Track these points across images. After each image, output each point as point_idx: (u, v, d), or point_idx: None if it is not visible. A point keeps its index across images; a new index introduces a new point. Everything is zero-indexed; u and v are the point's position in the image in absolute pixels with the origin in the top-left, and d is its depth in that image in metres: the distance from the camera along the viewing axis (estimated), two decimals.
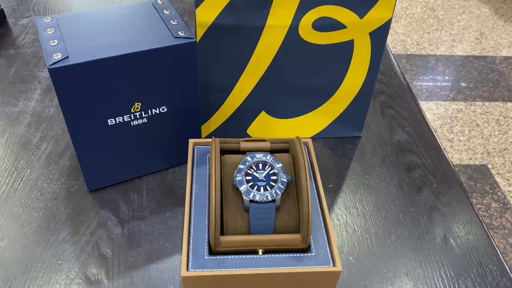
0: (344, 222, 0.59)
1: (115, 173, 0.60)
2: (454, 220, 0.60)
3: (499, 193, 1.42)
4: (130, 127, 0.56)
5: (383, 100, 0.79)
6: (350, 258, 0.55)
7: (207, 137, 0.67)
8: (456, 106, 1.80)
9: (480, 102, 1.83)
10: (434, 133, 0.74)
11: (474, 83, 1.93)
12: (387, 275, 0.53)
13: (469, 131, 1.68)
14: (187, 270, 0.44)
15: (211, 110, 0.64)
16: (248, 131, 0.67)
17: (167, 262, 0.53)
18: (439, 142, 0.72)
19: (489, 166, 1.53)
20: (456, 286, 0.53)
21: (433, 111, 1.73)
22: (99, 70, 0.49)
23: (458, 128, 1.70)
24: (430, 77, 1.98)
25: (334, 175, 0.65)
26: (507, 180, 1.45)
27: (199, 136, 0.62)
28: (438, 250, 0.56)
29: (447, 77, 1.97)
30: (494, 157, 1.56)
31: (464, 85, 1.92)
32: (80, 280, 0.51)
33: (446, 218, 0.60)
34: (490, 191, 1.44)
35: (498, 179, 1.48)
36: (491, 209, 1.38)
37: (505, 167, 1.50)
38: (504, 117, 1.72)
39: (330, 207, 0.61)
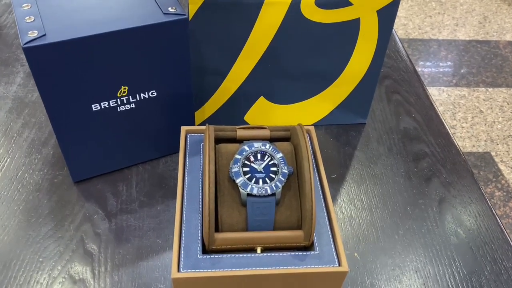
0: (348, 215, 0.55)
1: (102, 162, 0.56)
2: (465, 213, 0.56)
3: (502, 181, 1.39)
4: (116, 113, 0.51)
5: (388, 85, 0.75)
6: (355, 254, 0.51)
7: (201, 124, 0.63)
8: (458, 92, 1.76)
9: (483, 88, 1.79)
10: (443, 120, 0.70)
11: (477, 68, 1.88)
12: (394, 273, 0.50)
13: (472, 117, 1.65)
14: (178, 271, 0.40)
15: (206, 95, 0.60)
16: (246, 118, 0.63)
17: (158, 259, 0.49)
18: (448, 129, 0.68)
19: (493, 153, 1.49)
20: (469, 284, 0.49)
21: (435, 97, 1.69)
22: (80, 50, 0.45)
23: (460, 114, 1.66)
24: (432, 62, 1.93)
25: (338, 165, 0.61)
26: (511, 168, 1.42)
27: (192, 123, 0.58)
28: (449, 246, 0.53)
29: (449, 62, 1.93)
30: (497, 144, 1.52)
31: (467, 70, 1.87)
32: (63, 279, 0.47)
33: (457, 210, 0.57)
34: (494, 179, 1.41)
35: (501, 167, 1.44)
36: (495, 198, 1.34)
37: (509, 154, 1.46)
38: (508, 103, 1.68)
39: (333, 199, 0.57)
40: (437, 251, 0.52)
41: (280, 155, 0.44)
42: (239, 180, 0.42)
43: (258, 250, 0.42)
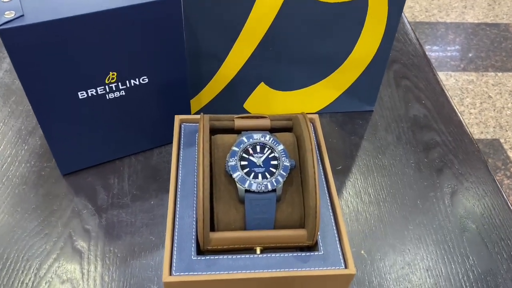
0: (355, 209, 0.52)
1: (92, 154, 0.52)
2: (479, 206, 0.53)
3: (511, 169, 1.35)
4: (105, 101, 0.48)
5: (397, 70, 0.71)
6: (362, 251, 0.48)
7: (197, 112, 0.59)
8: (467, 77, 1.71)
9: (492, 73, 1.73)
10: (455, 107, 0.66)
11: (486, 52, 1.83)
12: (404, 271, 0.46)
13: (481, 103, 1.60)
14: (170, 274, 0.36)
15: (202, 82, 0.56)
16: (245, 106, 0.59)
17: (151, 258, 0.46)
18: (461, 117, 0.64)
19: (502, 140, 1.45)
20: (484, 284, 0.46)
21: (442, 82, 1.64)
22: (62, 33, 0.41)
23: (469, 100, 1.61)
24: (440, 46, 1.88)
25: (343, 156, 0.57)
26: None
27: (188, 111, 0.54)
28: (462, 242, 0.49)
29: (457, 46, 1.87)
30: (507, 131, 1.48)
31: (476, 54, 1.82)
32: (50, 279, 0.44)
33: (470, 203, 0.53)
34: (503, 167, 1.37)
35: (511, 154, 1.40)
36: (504, 186, 1.31)
37: None
38: None
39: (338, 192, 0.53)
40: (449, 248, 0.49)
41: (281, 147, 0.40)
42: (236, 175, 0.38)
43: (258, 251, 0.38)
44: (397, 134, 0.61)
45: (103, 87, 0.47)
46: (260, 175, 0.39)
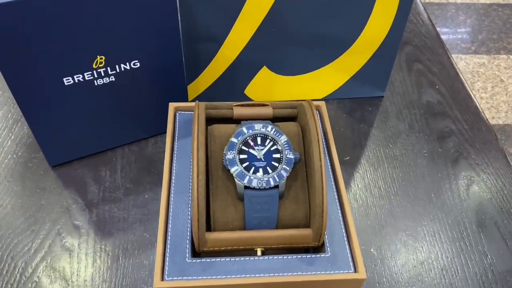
0: (364, 204, 0.48)
1: (82, 144, 0.49)
2: (498, 200, 0.49)
3: None
4: (93, 87, 0.44)
5: (409, 52, 0.67)
6: (372, 249, 0.45)
7: (195, 99, 0.55)
8: (478, 60, 1.65)
9: (504, 55, 1.68)
10: (471, 92, 0.62)
11: (498, 34, 1.76)
12: (416, 271, 0.43)
13: (492, 87, 1.55)
14: (162, 278, 0.33)
15: (200, 66, 0.52)
16: (247, 92, 0.56)
17: (145, 256, 0.43)
18: (477, 103, 0.60)
19: None
20: (504, 285, 0.42)
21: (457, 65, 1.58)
22: (43, 12, 0.37)
23: (480, 84, 1.56)
24: (450, 27, 1.81)
25: (351, 145, 0.54)
26: None
27: (185, 98, 0.50)
28: (480, 239, 0.46)
29: (468, 28, 1.81)
30: None
31: (487, 36, 1.75)
32: (37, 280, 0.41)
33: (488, 197, 0.49)
34: None
35: None
36: None
37: None
38: None
39: (346, 185, 0.50)
40: (466, 246, 0.45)
41: (284, 138, 0.36)
42: (234, 170, 0.35)
43: (258, 252, 0.35)
44: (409, 121, 0.57)
45: (90, 72, 0.43)
46: (261, 170, 0.35)
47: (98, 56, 0.42)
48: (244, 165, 0.35)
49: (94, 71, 0.43)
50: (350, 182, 0.50)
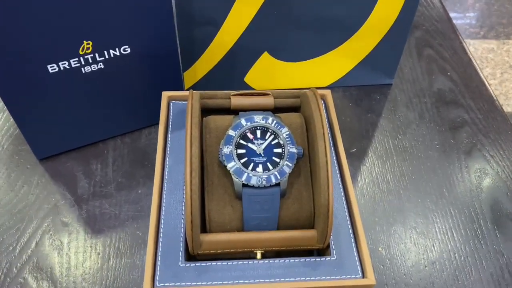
0: (371, 199, 0.45)
1: (71, 136, 0.46)
2: None
3: None
4: (80, 75, 0.41)
5: (419, 37, 0.63)
6: (380, 249, 0.42)
7: (192, 88, 0.52)
8: (487, 45, 1.60)
9: None
10: (485, 79, 0.58)
11: (508, 18, 1.71)
12: (427, 272, 0.40)
13: (501, 73, 1.50)
14: (153, 284, 0.31)
15: (196, 52, 0.49)
16: (247, 79, 0.53)
17: (138, 256, 0.40)
18: (492, 91, 0.57)
19: None
20: None
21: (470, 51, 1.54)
22: None
23: (488, 70, 1.51)
24: (458, 12, 1.76)
25: (358, 136, 0.51)
26: None
27: (180, 86, 0.47)
28: (496, 240, 0.43)
29: (477, 12, 1.75)
30: None
31: (497, 20, 1.70)
32: (22, 281, 0.39)
33: (504, 192, 0.46)
34: None
35: None
36: None
37: None
38: None
39: (352, 179, 0.47)
40: (481, 244, 0.42)
41: (286, 131, 0.33)
42: (231, 166, 0.32)
43: (258, 255, 0.32)
44: (419, 111, 0.54)
45: (77, 59, 0.40)
46: (260, 166, 0.32)
47: (84, 41, 0.39)
48: (242, 160, 0.32)
49: (81, 58, 0.40)
50: (356, 176, 0.47)
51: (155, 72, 0.45)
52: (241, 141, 0.33)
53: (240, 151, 0.32)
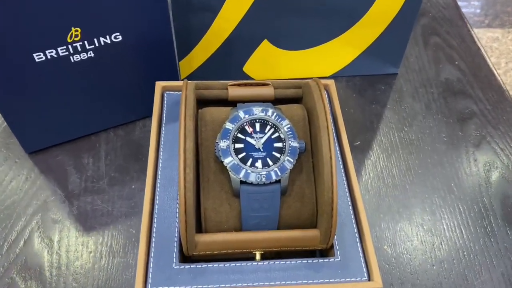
0: (376, 194, 0.43)
1: (61, 128, 0.44)
2: None
3: None
4: (69, 64, 0.39)
5: (425, 24, 0.61)
6: (385, 247, 0.40)
7: (187, 78, 0.49)
8: (491, 34, 1.57)
9: None
10: (494, 69, 0.56)
11: None
12: (435, 271, 0.38)
13: (506, 63, 1.48)
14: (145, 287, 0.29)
15: (192, 39, 0.47)
16: (245, 69, 0.51)
17: (131, 255, 0.39)
18: (501, 81, 0.54)
19: None
20: None
21: (478, 39, 1.51)
22: None
23: (493, 59, 1.49)
24: (462, 0, 1.72)
25: (362, 128, 0.49)
26: None
27: (176, 76, 0.45)
28: (507, 236, 0.41)
29: (481, 0, 1.72)
30: None
31: (502, 9, 1.67)
32: (10, 281, 0.37)
33: None
34: None
35: None
36: None
37: None
38: None
39: (356, 174, 0.45)
40: (491, 242, 0.40)
41: (287, 124, 0.31)
42: (228, 161, 0.29)
43: (257, 256, 0.30)
44: (426, 101, 0.52)
45: (65, 47, 0.37)
46: (260, 162, 0.30)
47: (72, 28, 0.37)
48: (240, 156, 0.30)
49: (69, 46, 0.38)
50: (360, 170, 0.45)
51: (149, 61, 0.42)
52: (239, 135, 0.31)
53: (238, 145, 0.30)
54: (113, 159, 0.45)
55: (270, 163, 0.30)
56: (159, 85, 0.38)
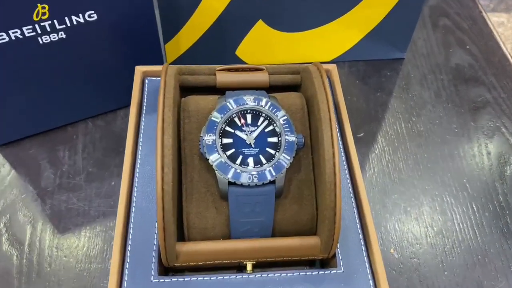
0: (381, 191, 0.40)
1: (34, 118, 0.40)
2: None
3: None
4: (38, 46, 0.35)
5: (434, 5, 0.57)
6: (392, 250, 0.36)
7: (174, 63, 0.45)
8: (496, 19, 1.53)
9: None
10: (508, 54, 0.52)
11: None
12: (447, 278, 0.35)
13: None
14: None
15: (179, 19, 0.43)
16: (238, 53, 0.47)
17: (110, 261, 0.34)
18: None
19: None
20: None
21: (491, 21, 1.46)
22: None
23: None
24: None
25: (366, 118, 0.45)
26: None
27: (160, 61, 0.41)
28: None
29: None
30: None
31: None
32: None
33: None
34: None
35: None
36: None
37: None
38: None
39: (360, 168, 0.41)
40: (509, 247, 0.37)
41: (283, 115, 0.27)
42: (214, 159, 0.25)
43: (248, 267, 0.27)
44: (435, 89, 0.48)
45: (31, 26, 0.33)
46: (251, 159, 0.26)
47: (39, 5, 0.32)
48: (229, 152, 0.26)
49: (37, 25, 0.33)
50: (364, 164, 0.42)
51: (129, 43, 0.38)
52: (228, 128, 0.26)
53: (226, 140, 0.26)
54: (91, 153, 0.41)
55: (264, 161, 0.26)
56: (139, 70, 0.34)
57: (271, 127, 0.27)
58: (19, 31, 0.33)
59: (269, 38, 0.46)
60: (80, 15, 0.34)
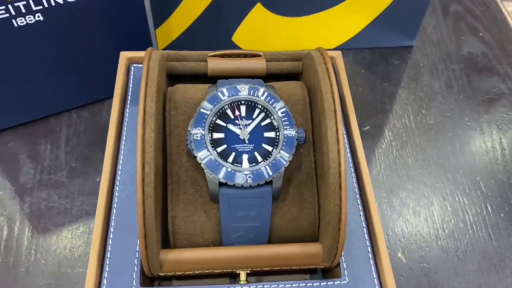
0: (387, 189, 0.38)
1: (13, 109, 0.38)
2: None
3: None
4: (13, 29, 0.32)
5: None
6: (399, 254, 0.34)
7: (166, 49, 0.42)
8: (510, 9, 1.49)
9: None
10: None
11: None
12: (461, 284, 0.32)
13: None
14: None
15: (171, 2, 0.41)
16: (235, 38, 0.45)
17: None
18: None
19: None
20: None
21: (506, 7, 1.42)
22: None
23: None
24: None
25: (372, 111, 0.43)
26: None
27: (148, 46, 0.37)
28: None
29: None
30: None
31: None
32: None
33: None
34: None
35: None
36: None
37: None
38: None
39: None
40: None
41: (282, 107, 0.24)
42: (203, 156, 0.23)
43: (242, 277, 0.24)
44: (446, 79, 0.46)
45: (3, 7, 0.30)
46: (245, 157, 0.23)
47: None
48: (220, 149, 0.23)
49: (10, 6, 0.30)
50: (369, 160, 0.39)
51: (115, 27, 0.36)
52: (219, 121, 0.24)
53: (217, 135, 0.23)
54: (74, 146, 0.38)
55: (259, 158, 0.23)
56: (124, 56, 0.31)
57: (268, 120, 0.24)
58: None
59: (268, 23, 0.44)
60: None
